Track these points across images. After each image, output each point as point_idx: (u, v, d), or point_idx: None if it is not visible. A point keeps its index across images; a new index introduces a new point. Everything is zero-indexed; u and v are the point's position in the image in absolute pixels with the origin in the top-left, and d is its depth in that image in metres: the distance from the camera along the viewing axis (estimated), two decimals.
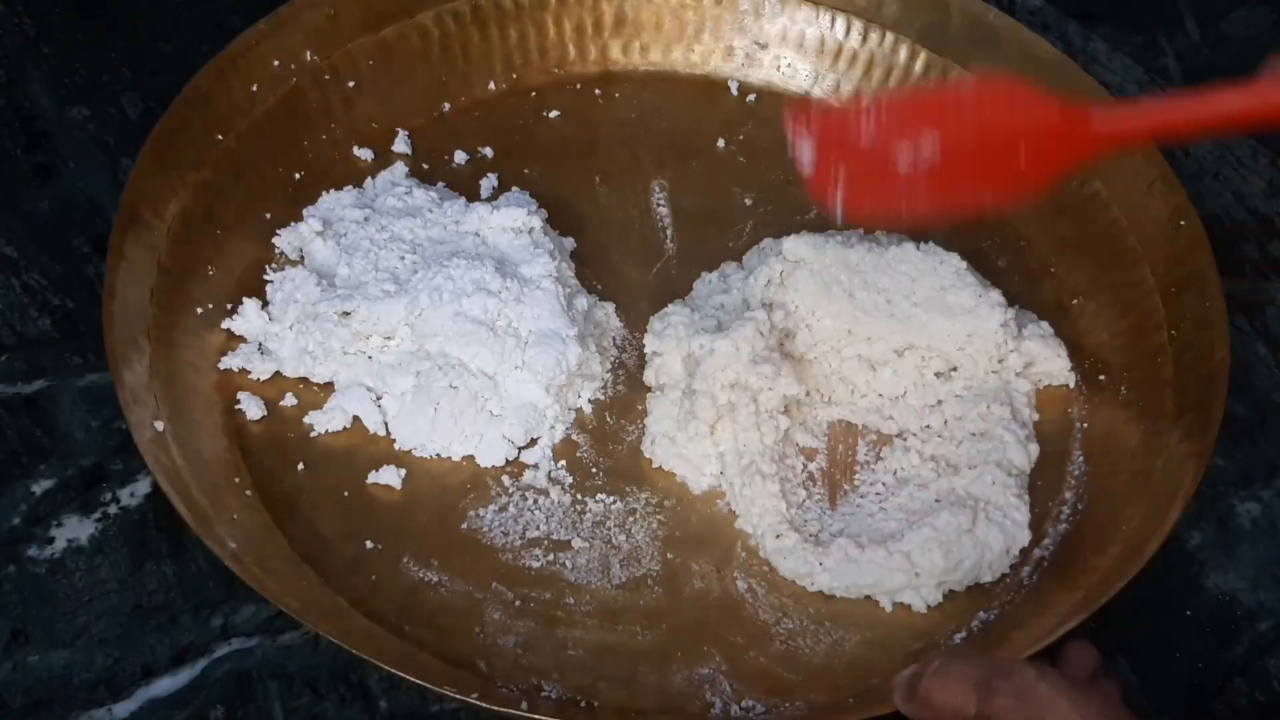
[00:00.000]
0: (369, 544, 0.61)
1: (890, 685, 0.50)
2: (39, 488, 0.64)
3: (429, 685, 0.54)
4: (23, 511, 0.63)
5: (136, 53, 0.79)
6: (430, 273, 0.66)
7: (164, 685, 0.59)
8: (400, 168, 0.73)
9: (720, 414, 0.63)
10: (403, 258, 0.67)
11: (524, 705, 0.55)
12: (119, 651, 0.60)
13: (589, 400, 0.67)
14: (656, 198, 0.75)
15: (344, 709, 0.59)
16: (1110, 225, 0.71)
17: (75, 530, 0.63)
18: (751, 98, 0.79)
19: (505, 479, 0.64)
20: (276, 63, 0.72)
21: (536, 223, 0.68)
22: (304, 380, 0.66)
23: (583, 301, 0.67)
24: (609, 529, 0.63)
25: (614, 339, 0.69)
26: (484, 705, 0.54)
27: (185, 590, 0.61)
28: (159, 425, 0.60)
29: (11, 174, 0.74)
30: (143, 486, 0.64)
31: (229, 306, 0.67)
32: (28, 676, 0.59)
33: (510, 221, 0.68)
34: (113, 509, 0.63)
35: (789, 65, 0.79)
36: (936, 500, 0.62)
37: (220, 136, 0.70)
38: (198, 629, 0.61)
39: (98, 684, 0.59)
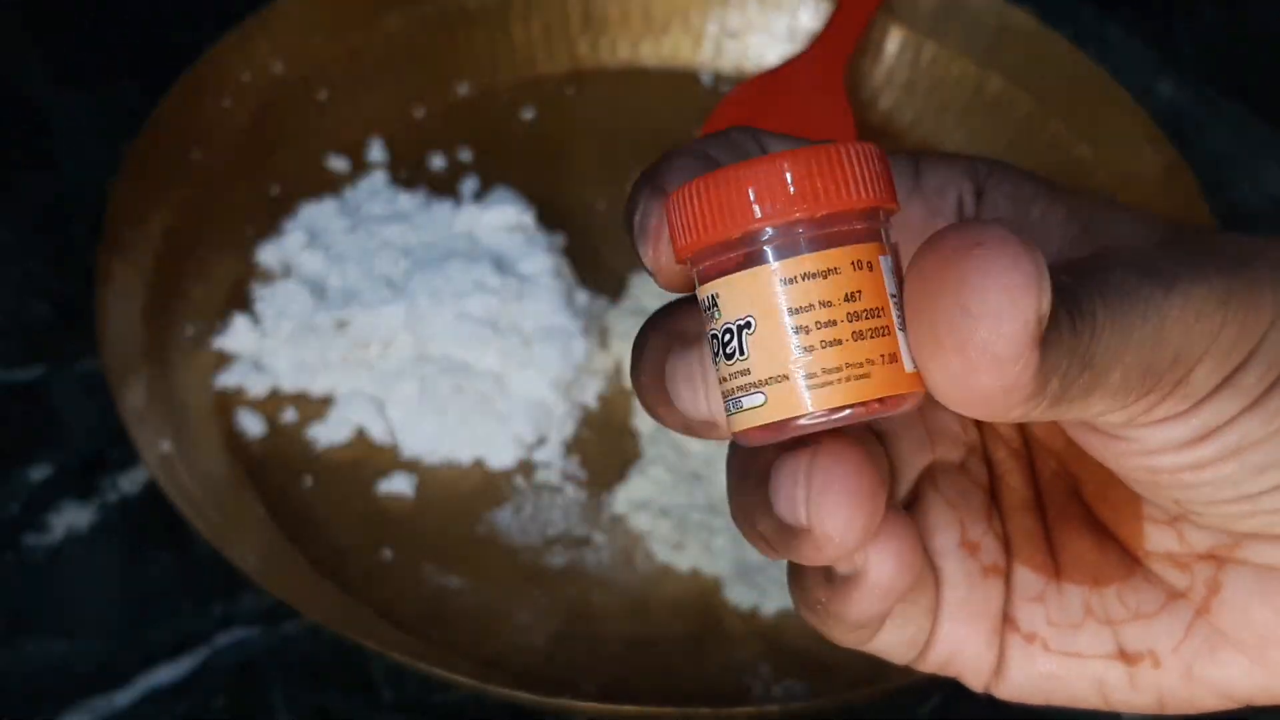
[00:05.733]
0: (387, 553, 0.60)
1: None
2: (37, 475, 0.63)
3: (475, 682, 0.53)
4: (21, 499, 0.62)
5: (135, 38, 0.78)
6: (427, 275, 0.65)
7: (165, 674, 0.58)
8: (379, 175, 0.72)
9: None
10: (396, 263, 0.66)
11: (569, 696, 0.54)
12: (119, 640, 0.59)
13: (595, 396, 0.66)
14: None
15: (347, 698, 0.58)
16: (1098, 190, 0.71)
17: (74, 518, 0.62)
18: (725, 88, 0.79)
19: (518, 479, 0.63)
20: (247, 76, 0.71)
21: (529, 219, 0.68)
22: (302, 394, 0.65)
23: (582, 296, 0.67)
24: (627, 521, 0.62)
25: None
26: (530, 696, 0.53)
27: (186, 578, 0.60)
28: (164, 446, 0.59)
29: (9, 160, 0.73)
30: (142, 474, 0.63)
31: (217, 324, 0.66)
32: (27, 665, 0.58)
33: (502, 220, 0.67)
34: (112, 496, 0.62)
35: (759, 53, 0.79)
36: None
37: (196, 153, 0.69)
38: (198, 618, 0.60)
39: (98, 673, 0.58)
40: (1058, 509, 0.30)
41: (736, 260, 0.25)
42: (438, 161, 0.74)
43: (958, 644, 0.29)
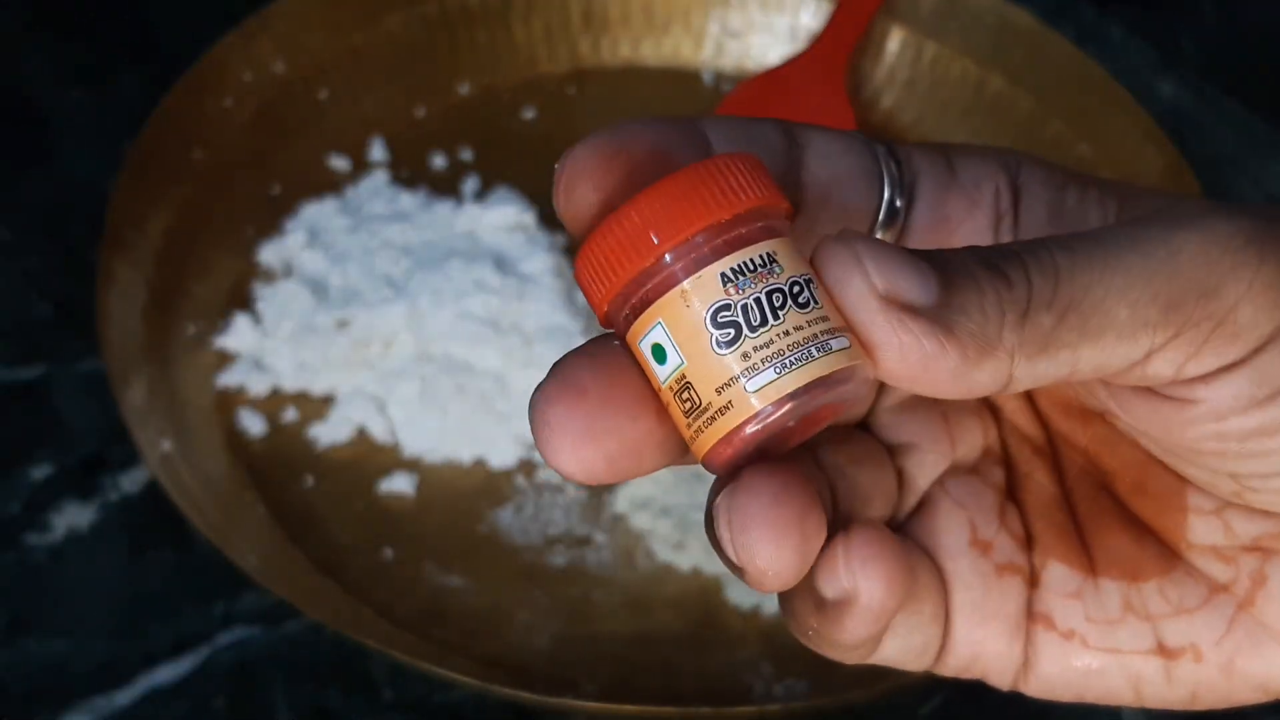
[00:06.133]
0: (388, 552, 0.60)
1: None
2: (38, 474, 0.63)
3: (476, 682, 0.53)
4: (22, 499, 0.62)
5: (135, 33, 0.78)
6: (428, 275, 0.65)
7: (165, 674, 0.58)
8: (380, 174, 0.72)
9: None
10: (397, 262, 0.66)
11: (570, 696, 0.54)
12: (119, 639, 0.59)
13: None
14: None
15: (347, 698, 0.58)
16: None
17: (75, 517, 0.62)
18: (726, 87, 0.79)
19: (519, 479, 0.63)
20: (248, 75, 0.71)
21: (530, 219, 0.68)
22: (303, 393, 0.65)
23: (583, 296, 0.67)
24: (629, 520, 0.62)
25: None
26: (531, 695, 0.53)
27: (186, 578, 0.60)
28: (165, 445, 0.59)
29: (9, 157, 0.73)
30: (143, 473, 0.62)
31: (218, 323, 0.66)
32: (27, 664, 0.58)
33: (503, 219, 0.67)
34: (113, 496, 0.62)
35: (760, 52, 0.79)
36: None
37: (197, 152, 0.69)
38: (199, 617, 0.60)
39: (98, 672, 0.58)
40: (1088, 504, 0.30)
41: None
42: (439, 161, 0.74)
43: (977, 645, 0.29)
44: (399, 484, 0.62)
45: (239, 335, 0.65)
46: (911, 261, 0.24)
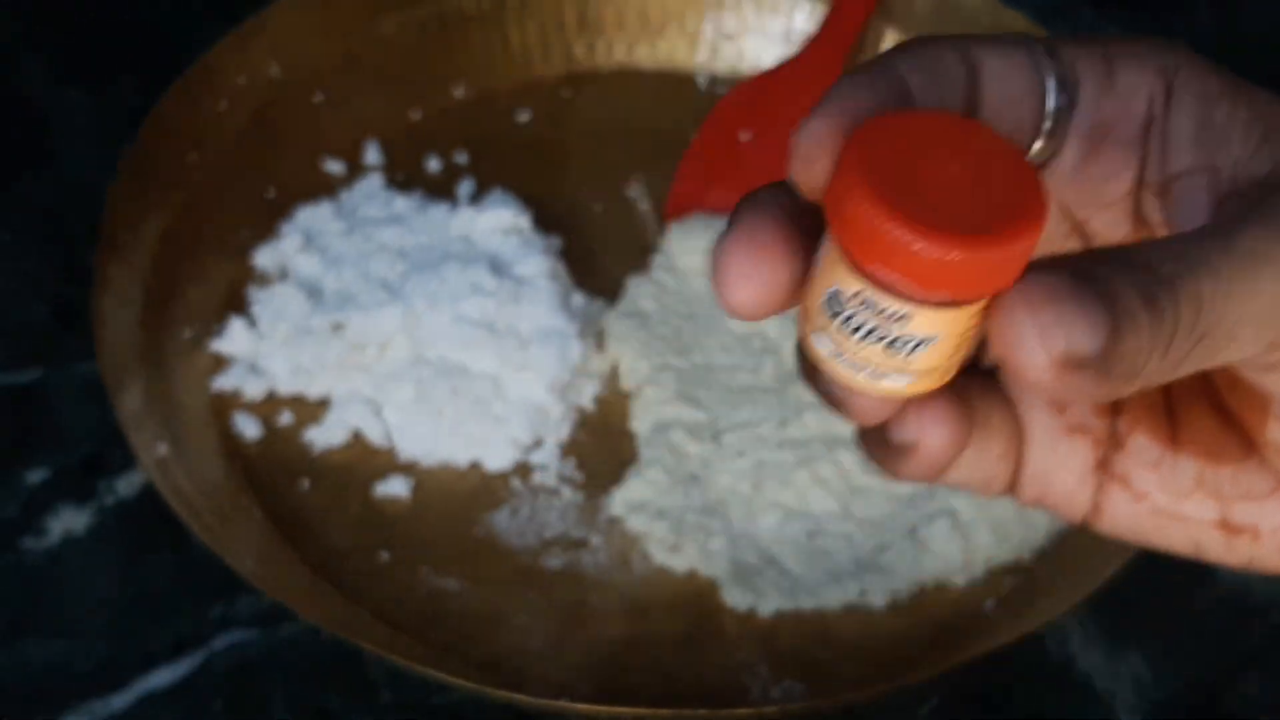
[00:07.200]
0: (384, 555, 0.61)
1: None
2: (35, 478, 0.63)
3: (472, 684, 0.54)
4: (18, 502, 0.62)
5: (135, 33, 0.78)
6: (423, 278, 0.65)
7: (163, 677, 0.58)
8: (375, 178, 0.72)
9: None
10: (392, 265, 0.66)
11: (567, 698, 0.54)
12: (117, 642, 0.59)
13: (592, 398, 0.66)
14: (636, 194, 0.74)
15: (345, 700, 0.58)
16: None
17: (72, 520, 0.62)
18: (721, 90, 0.79)
19: (515, 481, 0.63)
20: (243, 79, 0.71)
21: (525, 222, 0.68)
22: (299, 396, 0.65)
23: (578, 299, 0.67)
24: (624, 523, 0.62)
25: None
26: (528, 698, 0.53)
27: (184, 580, 0.60)
28: (161, 449, 0.59)
29: (9, 160, 0.73)
30: (139, 477, 0.63)
31: (214, 327, 0.66)
32: (25, 668, 0.58)
33: (498, 222, 0.67)
34: (109, 499, 0.62)
35: (754, 55, 0.79)
36: None
37: (192, 156, 0.69)
38: (197, 620, 0.60)
39: (96, 675, 0.58)
40: (1186, 385, 0.32)
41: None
42: (434, 164, 0.74)
43: (1045, 485, 0.31)
44: (395, 487, 0.62)
45: (234, 339, 0.65)
46: (1086, 313, 0.25)
